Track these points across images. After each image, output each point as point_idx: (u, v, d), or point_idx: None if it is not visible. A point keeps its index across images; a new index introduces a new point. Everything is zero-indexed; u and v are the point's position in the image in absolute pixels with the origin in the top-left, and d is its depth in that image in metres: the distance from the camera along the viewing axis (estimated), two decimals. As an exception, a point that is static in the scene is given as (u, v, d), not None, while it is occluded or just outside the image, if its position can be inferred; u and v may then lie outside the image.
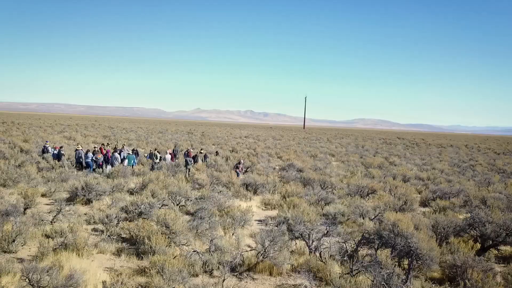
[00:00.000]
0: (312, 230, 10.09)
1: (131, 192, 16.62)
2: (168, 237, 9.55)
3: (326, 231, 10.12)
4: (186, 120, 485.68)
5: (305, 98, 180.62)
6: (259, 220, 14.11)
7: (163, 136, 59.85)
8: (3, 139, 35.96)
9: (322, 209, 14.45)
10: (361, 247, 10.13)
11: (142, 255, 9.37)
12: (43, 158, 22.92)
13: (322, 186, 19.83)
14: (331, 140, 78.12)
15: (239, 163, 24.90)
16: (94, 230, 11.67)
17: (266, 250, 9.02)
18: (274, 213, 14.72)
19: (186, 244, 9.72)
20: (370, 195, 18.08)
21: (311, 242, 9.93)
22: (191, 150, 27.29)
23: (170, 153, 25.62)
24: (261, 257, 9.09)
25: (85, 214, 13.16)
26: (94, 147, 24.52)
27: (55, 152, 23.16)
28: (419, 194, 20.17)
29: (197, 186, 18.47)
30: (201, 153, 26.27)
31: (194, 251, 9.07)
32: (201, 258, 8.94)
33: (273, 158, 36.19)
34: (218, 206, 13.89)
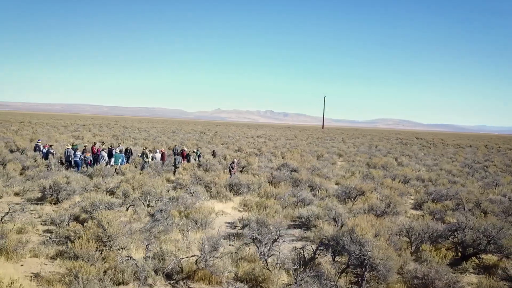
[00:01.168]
0: (262, 235, 9.23)
1: (107, 192, 16.12)
2: (102, 241, 8.87)
3: (276, 236, 9.24)
4: (206, 120, 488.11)
5: (324, 98, 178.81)
6: (229, 222, 13.32)
7: (173, 136, 59.63)
8: (7, 138, 36.37)
9: (298, 211, 13.54)
10: (318, 254, 9.25)
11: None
12: (33, 157, 22.74)
13: (313, 187, 18.95)
14: (345, 140, 76.56)
15: (233, 162, 24.27)
16: (47, 231, 11.15)
17: (205, 257, 8.23)
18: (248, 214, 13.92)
19: (126, 249, 9.03)
20: (358, 196, 17.04)
21: (263, 247, 9.08)
22: (185, 149, 26.74)
23: (163, 152, 25.14)
24: (201, 264, 8.30)
25: (46, 214, 12.66)
26: (85, 146, 24.24)
27: (44, 150, 22.98)
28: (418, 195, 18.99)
29: (178, 186, 17.87)
30: (194, 152, 25.68)
31: (128, 257, 8.36)
32: (136, 264, 8.23)
33: (277, 158, 35.35)
34: (186, 207, 13.18)
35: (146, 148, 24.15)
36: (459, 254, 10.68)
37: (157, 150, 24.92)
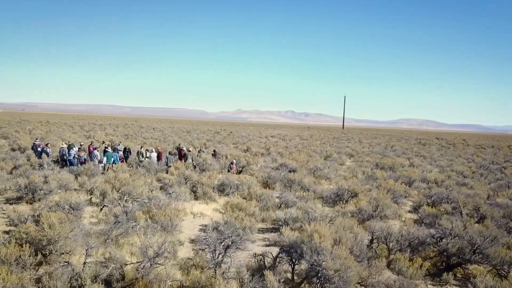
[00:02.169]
0: (215, 240, 8.49)
1: (87, 192, 15.74)
2: (42, 244, 8.32)
3: (230, 242, 8.47)
4: (227, 120, 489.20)
5: (344, 97, 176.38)
6: (205, 225, 12.63)
7: (186, 136, 59.36)
8: (16, 137, 36.84)
9: (275, 214, 12.72)
10: (279, 262, 8.45)
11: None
12: (27, 156, 22.67)
13: (305, 188, 18.10)
14: (362, 140, 74.85)
15: (232, 163, 23.70)
16: (6, 232, 10.74)
17: (145, 264, 7.56)
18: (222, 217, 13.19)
19: (70, 253, 8.45)
20: (351, 198, 16.07)
21: (217, 255, 8.34)
22: (184, 148, 26.26)
23: (159, 151, 24.72)
24: (142, 271, 7.64)
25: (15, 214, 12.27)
26: (81, 145, 24.03)
27: (39, 149, 22.90)
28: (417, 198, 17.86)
29: (165, 186, 17.31)
30: (189, 151, 25.17)
31: (66, 262, 7.77)
32: (73, 270, 7.63)
33: (284, 157, 34.52)
34: (158, 208, 12.56)
35: (142, 147, 23.76)
36: (444, 263, 9.68)
37: (153, 149, 24.50)
